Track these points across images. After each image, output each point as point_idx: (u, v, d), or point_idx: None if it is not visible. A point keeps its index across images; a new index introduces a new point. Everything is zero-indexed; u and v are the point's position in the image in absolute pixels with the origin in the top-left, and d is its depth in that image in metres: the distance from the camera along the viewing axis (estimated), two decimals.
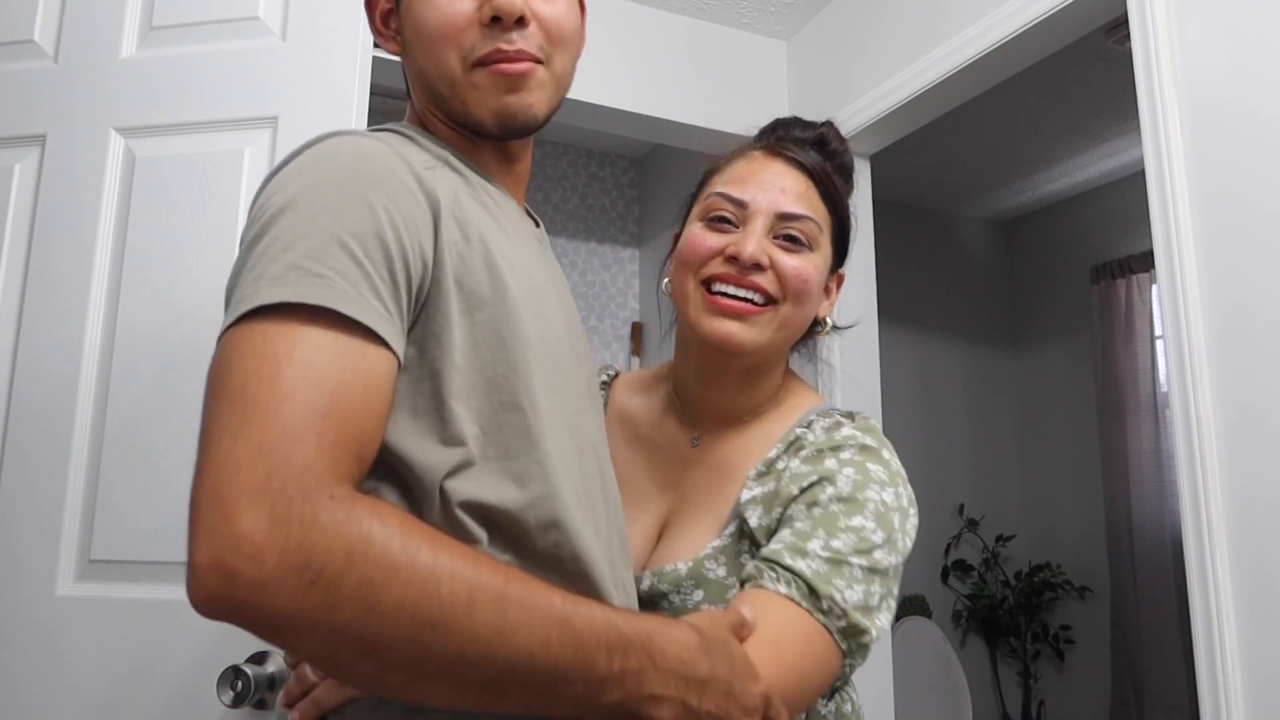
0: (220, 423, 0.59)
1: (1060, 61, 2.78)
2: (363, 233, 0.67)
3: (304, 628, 0.56)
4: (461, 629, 0.58)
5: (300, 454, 0.58)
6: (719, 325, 0.92)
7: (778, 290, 0.93)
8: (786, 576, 0.80)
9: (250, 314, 0.63)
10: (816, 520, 0.84)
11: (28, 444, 1.29)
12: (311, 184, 0.69)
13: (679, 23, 2.66)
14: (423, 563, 0.58)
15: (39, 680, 1.22)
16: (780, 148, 1.01)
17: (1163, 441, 3.60)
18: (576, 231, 3.61)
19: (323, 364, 0.62)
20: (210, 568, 0.55)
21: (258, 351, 0.61)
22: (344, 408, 0.62)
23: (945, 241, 4.32)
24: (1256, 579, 1.42)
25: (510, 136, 0.85)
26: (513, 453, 0.73)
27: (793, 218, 0.94)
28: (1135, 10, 1.66)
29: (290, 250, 0.65)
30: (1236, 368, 1.47)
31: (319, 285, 0.64)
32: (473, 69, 0.80)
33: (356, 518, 0.58)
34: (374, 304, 0.66)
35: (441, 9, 0.80)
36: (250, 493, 0.56)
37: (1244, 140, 1.48)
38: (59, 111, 1.37)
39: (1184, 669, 3.38)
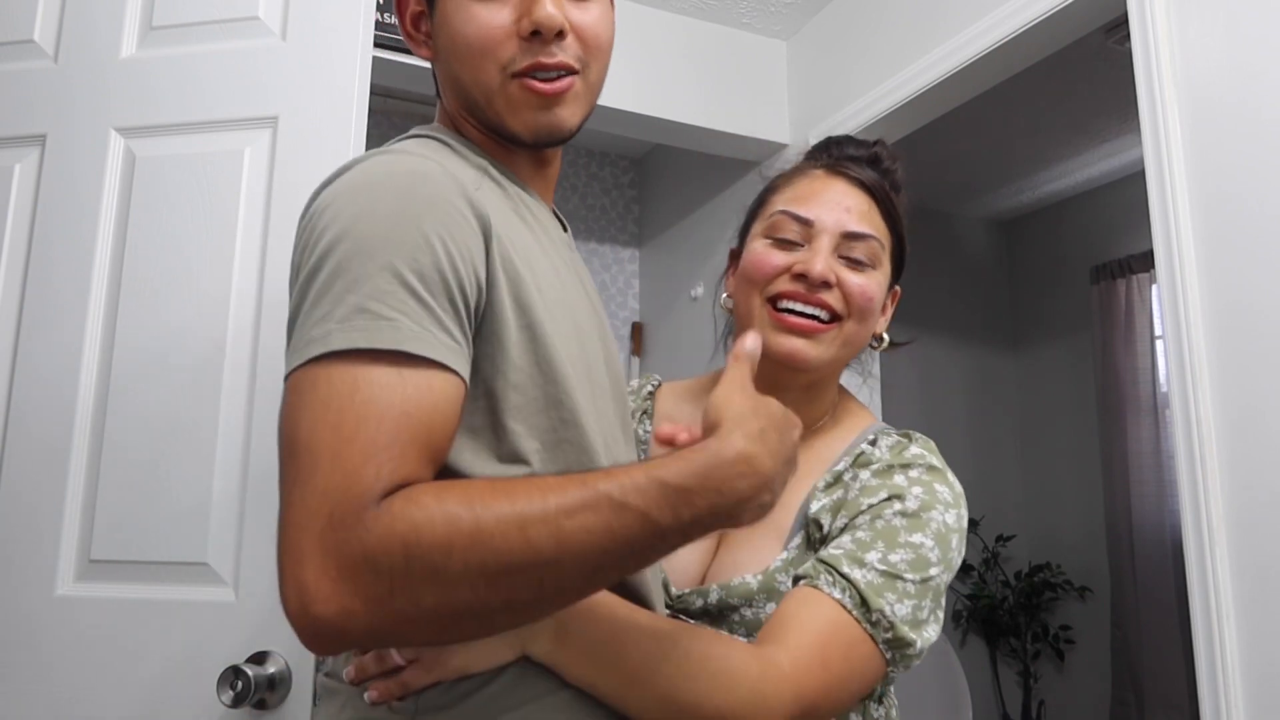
0: (292, 474, 0.63)
1: (1060, 61, 2.78)
2: (424, 267, 0.68)
3: (401, 627, 0.61)
4: (530, 564, 0.61)
5: (358, 486, 0.61)
6: (786, 342, 0.94)
7: (843, 308, 0.95)
8: (841, 583, 0.82)
9: (318, 358, 0.66)
10: (878, 532, 0.86)
11: (28, 444, 1.29)
12: (366, 211, 0.70)
13: (679, 23, 2.66)
14: (468, 526, 0.60)
15: (39, 680, 1.22)
16: (841, 166, 1.02)
17: (1163, 441, 3.60)
18: (577, 231, 3.61)
19: (386, 400, 0.64)
20: (302, 618, 0.60)
21: (324, 400, 0.64)
22: (407, 436, 0.64)
23: (945, 241, 4.32)
24: (1256, 579, 1.42)
25: (544, 147, 0.86)
26: (573, 469, 0.75)
27: (858, 237, 0.96)
28: (1135, 10, 1.66)
29: (354, 290, 0.67)
30: (1236, 368, 1.47)
31: (386, 329, 0.66)
32: (510, 79, 0.80)
33: (399, 513, 0.60)
34: (441, 337, 0.68)
35: (480, 21, 0.79)
36: (316, 538, 0.60)
37: (1244, 140, 1.48)
38: (59, 111, 1.37)
39: (1184, 669, 3.38)
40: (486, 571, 0.60)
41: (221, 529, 1.22)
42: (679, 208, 3.40)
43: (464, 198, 0.73)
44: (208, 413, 1.25)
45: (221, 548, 1.21)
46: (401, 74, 2.27)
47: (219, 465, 1.23)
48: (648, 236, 3.66)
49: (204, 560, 1.21)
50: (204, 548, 1.21)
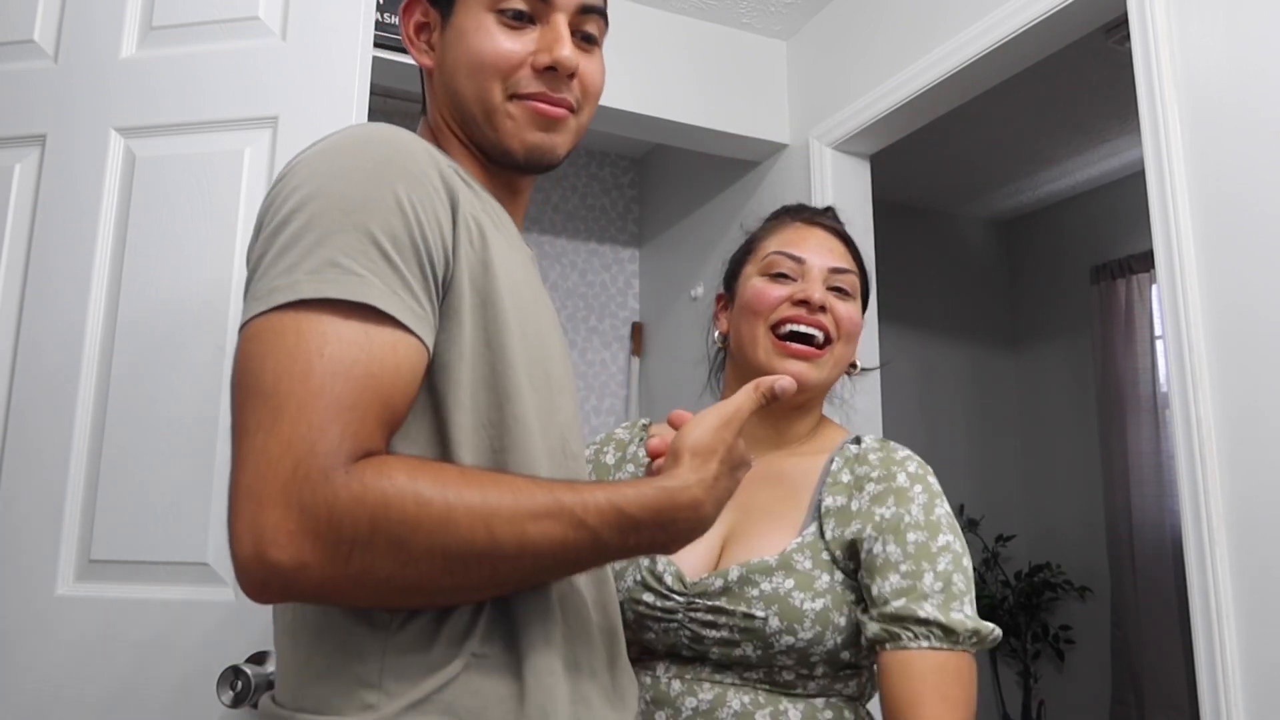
0: (254, 419, 0.63)
1: (1060, 61, 2.78)
2: (396, 231, 0.69)
3: (351, 589, 0.63)
4: (488, 555, 0.64)
5: (325, 443, 0.62)
6: (790, 365, 1.07)
7: (835, 331, 1.10)
8: (922, 631, 0.93)
9: (284, 305, 0.65)
10: (912, 555, 0.97)
11: (28, 443, 1.29)
12: (340, 171, 0.71)
13: (679, 23, 2.66)
14: (438, 510, 0.63)
15: (39, 680, 1.22)
16: (816, 219, 1.19)
17: (1163, 441, 3.60)
18: (576, 231, 3.61)
19: (353, 358, 0.65)
20: (253, 560, 0.60)
21: (290, 349, 0.64)
22: (370, 397, 0.65)
23: (945, 241, 4.33)
24: (1256, 579, 1.42)
25: (531, 170, 0.89)
26: (506, 447, 0.75)
27: (841, 271, 1.13)
28: (1135, 10, 1.67)
29: (324, 245, 0.67)
30: (1236, 368, 1.47)
31: (356, 284, 0.66)
32: (510, 100, 0.84)
33: (371, 484, 0.62)
34: (409, 302, 0.68)
35: (499, 43, 0.83)
36: (280, 486, 0.60)
37: (1244, 140, 1.48)
38: (59, 111, 1.37)
39: (1184, 669, 3.38)
40: (448, 555, 0.63)
41: (221, 529, 1.21)
42: (679, 208, 3.40)
43: (436, 170, 0.74)
44: (208, 413, 1.25)
45: (221, 548, 1.21)
46: (401, 74, 2.27)
47: (219, 465, 1.23)
48: (648, 236, 3.66)
49: (204, 560, 1.21)
50: (204, 548, 1.21)
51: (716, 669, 0.99)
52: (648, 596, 1.01)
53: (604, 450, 1.23)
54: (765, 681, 0.98)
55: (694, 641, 0.99)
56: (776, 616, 0.96)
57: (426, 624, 0.70)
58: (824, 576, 0.98)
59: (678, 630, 1.00)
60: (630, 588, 1.02)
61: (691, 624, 0.99)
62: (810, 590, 0.97)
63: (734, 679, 0.98)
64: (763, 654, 0.96)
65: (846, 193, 2.53)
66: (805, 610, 0.96)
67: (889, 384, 2.66)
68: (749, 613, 0.96)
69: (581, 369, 3.50)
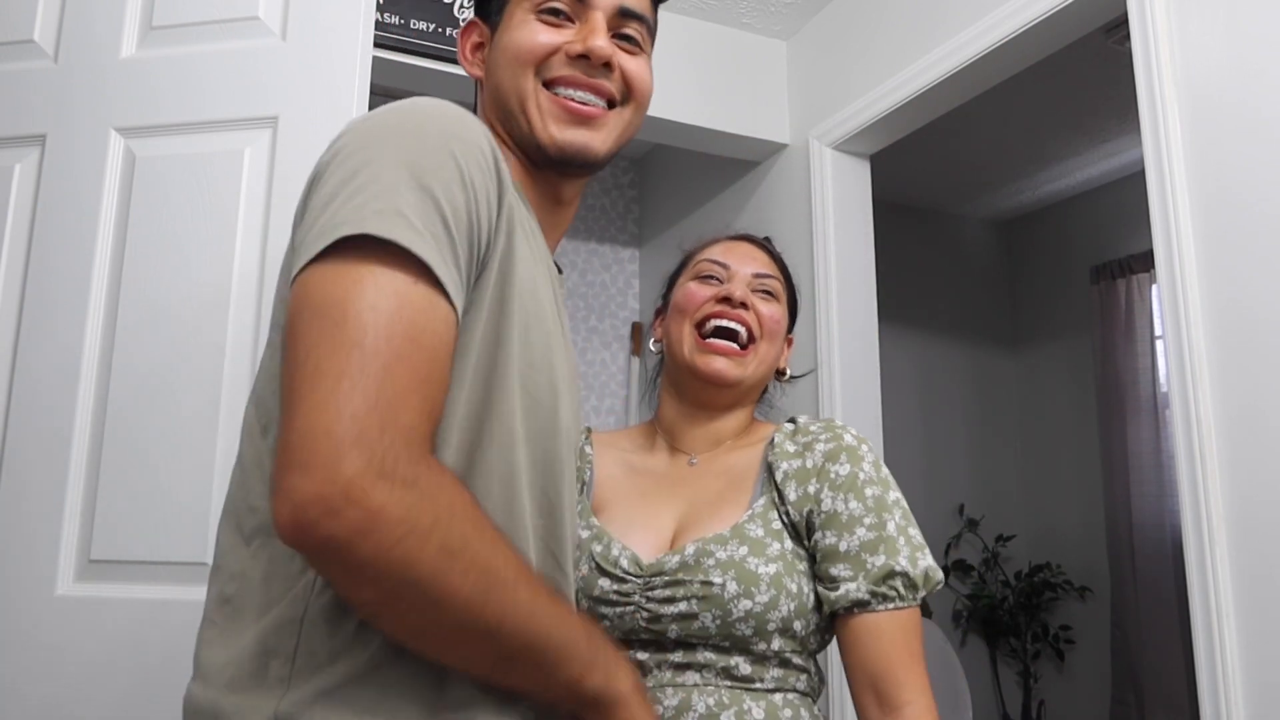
0: (336, 364, 0.60)
1: (1060, 61, 2.78)
2: (455, 200, 0.68)
3: (379, 576, 0.60)
4: (507, 604, 0.65)
5: (407, 415, 0.61)
6: (711, 361, 1.13)
7: (758, 330, 1.16)
8: (894, 591, 1.00)
9: (353, 249, 0.64)
10: (872, 509, 1.04)
11: (28, 444, 1.29)
12: (408, 130, 0.70)
13: (679, 23, 2.66)
14: (488, 540, 0.65)
15: (39, 680, 1.22)
16: (744, 236, 1.27)
17: (1163, 441, 3.60)
18: (576, 231, 3.61)
19: (423, 328, 0.64)
20: (316, 501, 0.57)
21: (372, 303, 0.63)
22: (438, 374, 0.65)
23: (945, 241, 4.33)
24: (1256, 579, 1.42)
25: (568, 168, 0.88)
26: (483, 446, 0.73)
27: (765, 276, 1.20)
28: (1135, 10, 1.66)
29: (393, 195, 0.66)
30: (1236, 368, 1.47)
31: (427, 245, 0.65)
32: (541, 88, 0.85)
33: (447, 488, 0.63)
34: (455, 276, 0.68)
35: (535, 34, 0.85)
36: (364, 441, 0.59)
37: (1244, 140, 1.48)
38: (59, 111, 1.37)
39: (1184, 669, 3.38)
40: (478, 584, 0.64)
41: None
42: (679, 208, 3.40)
43: (494, 153, 0.74)
44: (208, 413, 1.25)
45: None
46: (402, 74, 2.27)
47: (219, 465, 1.23)
48: (648, 236, 3.66)
49: (204, 560, 1.21)
50: (204, 548, 1.21)
51: (676, 670, 1.00)
52: (604, 582, 1.03)
53: None
54: (726, 677, 1.00)
55: (651, 622, 1.01)
56: (734, 580, 0.99)
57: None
58: (774, 544, 1.03)
59: (634, 613, 1.01)
60: (584, 577, 1.04)
61: (650, 604, 1.01)
62: (763, 556, 1.02)
63: (696, 679, 0.99)
64: (722, 623, 0.99)
65: (846, 193, 2.53)
66: (760, 574, 1.00)
67: (889, 384, 2.66)
68: (707, 580, 0.99)
69: (581, 369, 3.50)
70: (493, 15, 0.90)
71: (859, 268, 2.50)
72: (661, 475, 1.16)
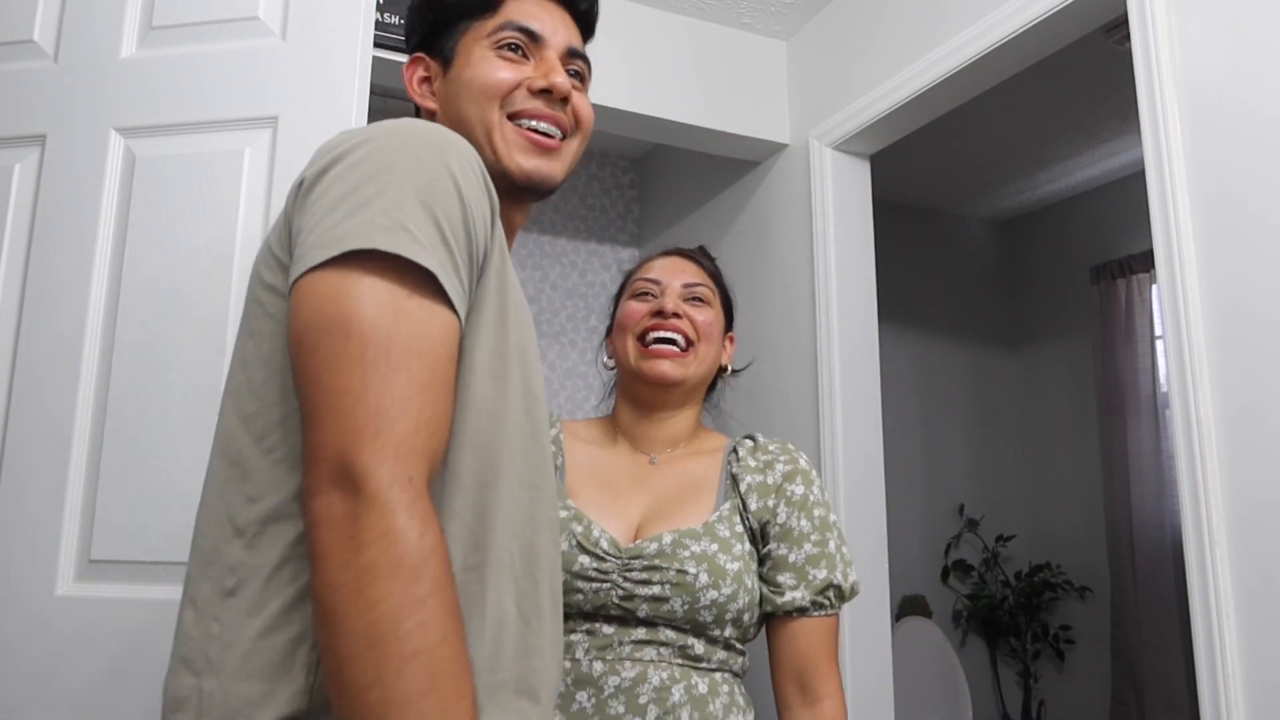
0: (344, 379, 0.65)
1: (1060, 61, 2.78)
2: (453, 215, 0.72)
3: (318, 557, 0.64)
4: (386, 670, 0.61)
5: (404, 425, 0.65)
6: (656, 365, 1.26)
7: (694, 334, 1.28)
8: (830, 598, 1.19)
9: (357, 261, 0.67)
10: (817, 528, 1.22)
11: (28, 444, 1.29)
12: (407, 149, 0.73)
13: (679, 23, 2.66)
14: (412, 593, 0.63)
15: (39, 680, 1.22)
16: (674, 250, 1.39)
17: (1163, 441, 3.60)
18: (576, 231, 3.61)
19: (424, 337, 0.68)
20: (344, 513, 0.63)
21: (373, 320, 0.66)
22: (440, 381, 0.68)
23: (945, 241, 4.32)
24: (1256, 579, 1.42)
25: (529, 193, 0.94)
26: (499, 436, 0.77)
27: (693, 284, 1.33)
28: (1135, 10, 1.66)
29: (398, 209, 0.69)
30: (1236, 368, 1.47)
31: (430, 256, 0.69)
32: (507, 120, 0.91)
33: (410, 517, 0.64)
34: (457, 285, 0.71)
35: (498, 69, 0.92)
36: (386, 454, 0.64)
37: (1244, 140, 1.48)
38: (59, 111, 1.37)
39: (1184, 669, 3.38)
40: (413, 667, 0.62)
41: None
42: (679, 208, 3.40)
43: (482, 173, 0.78)
44: (207, 413, 1.25)
45: None
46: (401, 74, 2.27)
47: None
48: (648, 236, 3.66)
49: None
50: None
51: (636, 646, 1.11)
52: (584, 559, 1.13)
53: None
54: (680, 655, 1.12)
55: (625, 599, 1.12)
56: (706, 573, 1.12)
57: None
58: (738, 545, 1.18)
59: (610, 590, 1.12)
60: (565, 552, 1.13)
61: (626, 583, 1.12)
62: (730, 554, 1.16)
63: (653, 655, 1.11)
64: (689, 608, 1.11)
65: (846, 193, 2.53)
66: (728, 569, 1.14)
67: (889, 384, 2.66)
68: (682, 569, 1.12)
69: (581, 369, 3.50)
70: (446, 51, 0.96)
71: (859, 268, 2.50)
72: (625, 470, 1.29)
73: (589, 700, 1.08)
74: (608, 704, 1.08)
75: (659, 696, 1.08)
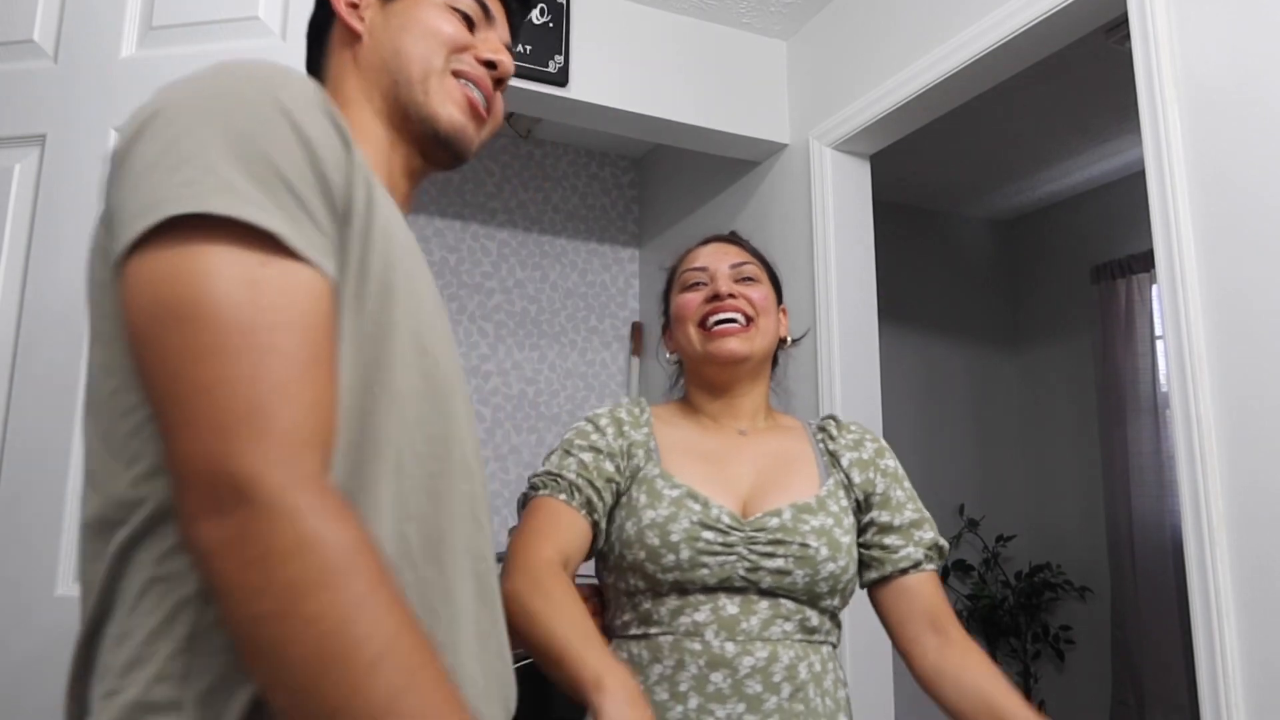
0: (202, 373, 0.56)
1: (1060, 61, 2.78)
2: (297, 161, 0.62)
3: (224, 592, 0.55)
4: (353, 684, 0.54)
5: (288, 415, 0.56)
6: (722, 344, 1.27)
7: (750, 310, 1.30)
8: (934, 556, 1.27)
9: (189, 230, 0.57)
10: (910, 495, 1.31)
11: (28, 444, 1.29)
12: (225, 94, 0.64)
13: (679, 23, 2.66)
14: (351, 595, 0.55)
15: (39, 680, 1.22)
16: (710, 238, 1.40)
17: (1163, 441, 3.60)
18: (576, 231, 3.61)
19: (289, 306, 0.59)
20: (222, 537, 0.54)
21: (225, 297, 0.57)
22: (321, 354, 0.60)
23: (945, 241, 4.32)
24: (1256, 579, 1.41)
25: (443, 148, 0.89)
26: (374, 410, 0.67)
27: (739, 264, 1.34)
28: (1135, 10, 1.66)
29: (224, 164, 0.59)
30: (1236, 368, 1.47)
31: (272, 213, 0.59)
32: (450, 74, 0.88)
33: (321, 517, 0.56)
34: (315, 237, 0.62)
35: (455, 25, 0.89)
36: (254, 461, 0.55)
37: (1244, 140, 1.48)
38: (59, 111, 1.37)
39: (1184, 669, 3.38)
40: (320, 646, 0.54)
41: None
42: (679, 208, 3.40)
43: (329, 111, 0.68)
44: None
45: None
46: None
47: None
48: (648, 236, 3.66)
49: None
50: None
51: (763, 624, 1.15)
52: (708, 534, 1.15)
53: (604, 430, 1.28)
54: (800, 630, 1.17)
55: (750, 571, 1.15)
56: (825, 546, 1.17)
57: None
58: (846, 519, 1.23)
59: (735, 563, 1.15)
60: (687, 529, 1.15)
61: (751, 555, 1.16)
62: (842, 527, 1.21)
63: (779, 634, 1.15)
64: (809, 580, 1.16)
65: (846, 193, 2.53)
66: (842, 542, 1.19)
67: (889, 384, 2.66)
68: (804, 543, 1.16)
69: (581, 369, 3.50)
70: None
71: (859, 268, 2.50)
72: (718, 443, 1.30)
73: (725, 681, 1.12)
74: (744, 684, 1.12)
75: (789, 675, 1.13)
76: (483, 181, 3.45)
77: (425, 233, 3.30)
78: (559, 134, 3.54)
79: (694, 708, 1.10)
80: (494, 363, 3.33)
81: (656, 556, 1.15)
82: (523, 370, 3.38)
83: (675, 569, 1.14)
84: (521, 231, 3.49)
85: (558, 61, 2.40)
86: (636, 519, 1.18)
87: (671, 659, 1.14)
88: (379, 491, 0.66)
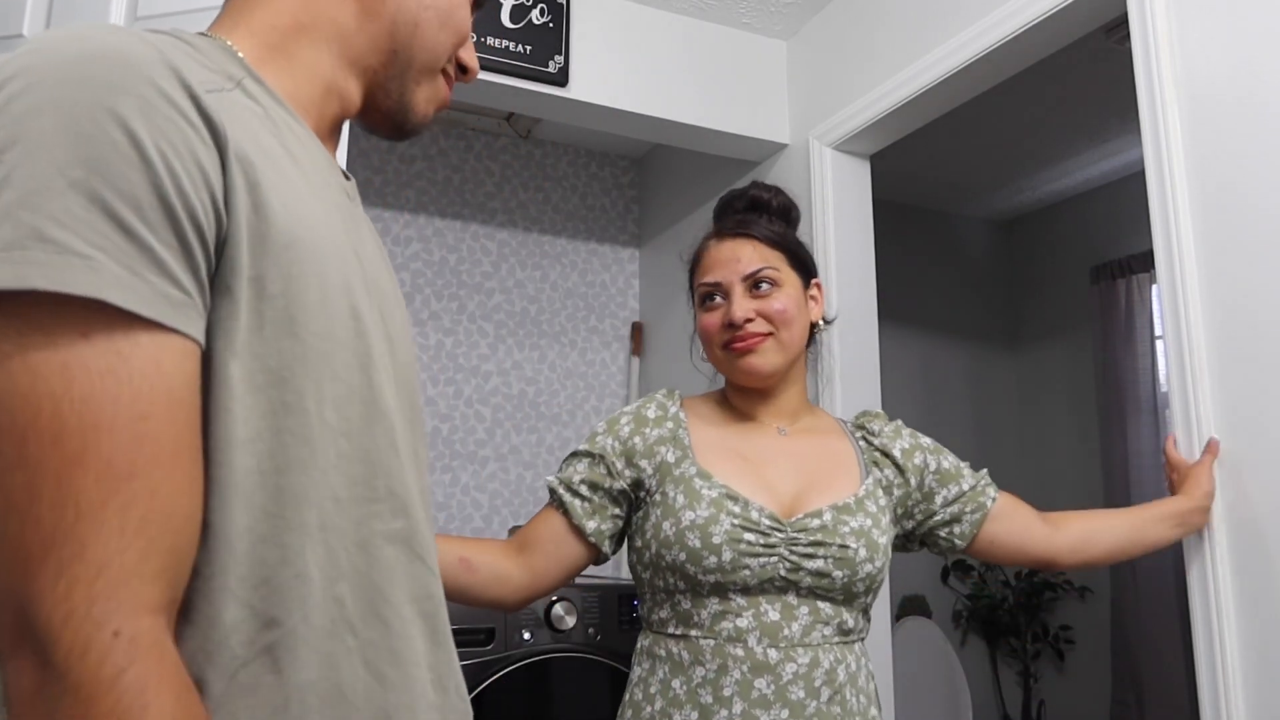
0: (7, 487, 0.47)
1: (1060, 61, 2.78)
2: (137, 190, 0.51)
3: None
4: None
5: (100, 541, 0.48)
6: (743, 364, 1.28)
7: (770, 327, 1.27)
8: (991, 481, 1.40)
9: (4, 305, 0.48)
10: (954, 462, 1.38)
11: None
12: (54, 93, 0.52)
13: (679, 23, 2.65)
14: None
15: None
16: (724, 230, 1.34)
17: (1162, 441, 3.59)
18: (576, 231, 3.60)
19: (120, 394, 0.49)
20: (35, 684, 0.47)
21: (29, 392, 0.47)
22: (163, 446, 0.50)
23: (945, 241, 4.32)
24: (1256, 579, 1.41)
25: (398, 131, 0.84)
26: (289, 465, 0.59)
27: (753, 272, 1.29)
28: (1135, 10, 1.66)
29: (28, 207, 0.49)
30: (1236, 368, 1.46)
31: (79, 268, 0.48)
32: (442, 73, 0.84)
33: (131, 670, 0.48)
34: (163, 286, 0.52)
35: (468, 13, 0.84)
36: (57, 600, 0.47)
37: (1244, 140, 1.48)
38: None
39: (1184, 669, 3.37)
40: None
41: None
42: (679, 208, 3.40)
43: (187, 95, 0.55)
44: None
45: None
46: None
47: None
48: (648, 236, 3.66)
49: None
50: None
51: (804, 630, 1.16)
52: (750, 536, 1.16)
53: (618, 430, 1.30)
54: (838, 632, 1.19)
55: (791, 571, 1.17)
56: (864, 547, 1.19)
57: None
58: (884, 519, 1.25)
59: (777, 564, 1.16)
60: (729, 530, 1.16)
61: (793, 555, 1.17)
62: (880, 527, 1.23)
63: (819, 639, 1.17)
64: (847, 580, 1.18)
65: (846, 193, 2.53)
66: (879, 542, 1.21)
67: (889, 384, 2.66)
68: (844, 544, 1.18)
69: (581, 369, 3.49)
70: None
71: (859, 268, 2.50)
72: (758, 442, 1.30)
73: (769, 687, 1.13)
74: (787, 690, 1.13)
75: (829, 679, 1.15)
76: (483, 181, 3.45)
77: (425, 233, 3.30)
78: (559, 134, 3.54)
79: (739, 712, 1.12)
80: (494, 363, 3.33)
81: (698, 558, 1.15)
82: (523, 370, 3.37)
83: (717, 570, 1.15)
84: (521, 231, 3.48)
85: (558, 61, 2.39)
86: (675, 519, 1.18)
87: (714, 663, 1.14)
88: (305, 560, 0.58)
